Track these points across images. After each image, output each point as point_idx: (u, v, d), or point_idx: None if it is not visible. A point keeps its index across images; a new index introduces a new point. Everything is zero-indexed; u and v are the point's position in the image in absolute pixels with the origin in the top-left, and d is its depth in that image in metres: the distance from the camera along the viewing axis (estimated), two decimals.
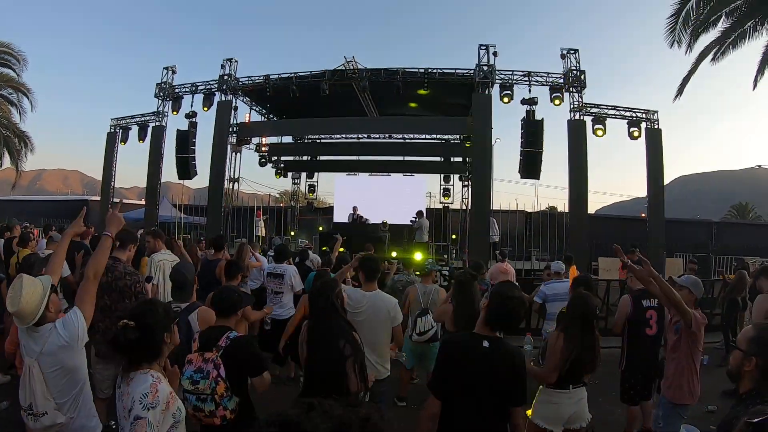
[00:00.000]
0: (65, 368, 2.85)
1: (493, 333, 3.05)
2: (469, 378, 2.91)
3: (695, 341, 4.35)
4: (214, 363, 3.14)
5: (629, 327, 5.47)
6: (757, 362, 2.27)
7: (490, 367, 2.91)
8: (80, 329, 2.88)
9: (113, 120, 20.94)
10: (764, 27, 13.02)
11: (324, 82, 17.04)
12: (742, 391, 2.34)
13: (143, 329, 2.43)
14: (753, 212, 51.64)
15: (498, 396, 2.92)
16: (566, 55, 16.03)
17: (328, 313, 3.61)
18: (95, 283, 3.12)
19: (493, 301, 3.11)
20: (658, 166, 15.96)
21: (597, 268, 16.21)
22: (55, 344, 2.81)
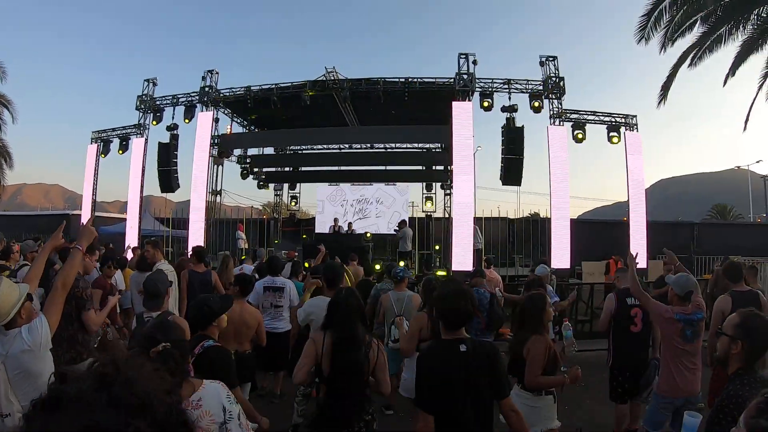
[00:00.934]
0: (28, 372, 2.91)
1: (462, 335, 3.09)
2: (457, 384, 2.92)
3: (664, 334, 4.59)
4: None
5: (615, 324, 5.59)
6: (743, 345, 2.54)
7: (474, 368, 2.95)
8: (44, 335, 2.94)
9: (94, 133, 20.73)
10: (739, 31, 13.22)
11: (305, 92, 17.05)
12: (731, 371, 2.59)
13: (180, 348, 2.41)
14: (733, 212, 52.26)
15: (486, 394, 2.97)
16: (545, 63, 16.20)
17: (351, 322, 3.59)
18: (63, 293, 3.18)
19: (436, 306, 3.21)
20: (639, 170, 16.12)
21: (581, 272, 16.29)
22: (19, 348, 2.87)
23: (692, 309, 4.49)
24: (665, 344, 4.59)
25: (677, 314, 4.43)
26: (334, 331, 3.55)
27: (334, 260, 7.68)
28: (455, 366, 2.95)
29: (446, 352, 3.04)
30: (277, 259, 7.24)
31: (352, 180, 23.66)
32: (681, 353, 4.47)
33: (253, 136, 22.63)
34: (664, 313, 4.48)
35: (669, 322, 4.45)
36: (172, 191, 19.18)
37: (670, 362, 4.48)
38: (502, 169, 16.11)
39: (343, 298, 3.73)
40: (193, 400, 2.33)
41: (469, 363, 2.95)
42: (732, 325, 2.63)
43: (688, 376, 4.48)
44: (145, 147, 19.27)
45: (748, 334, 2.54)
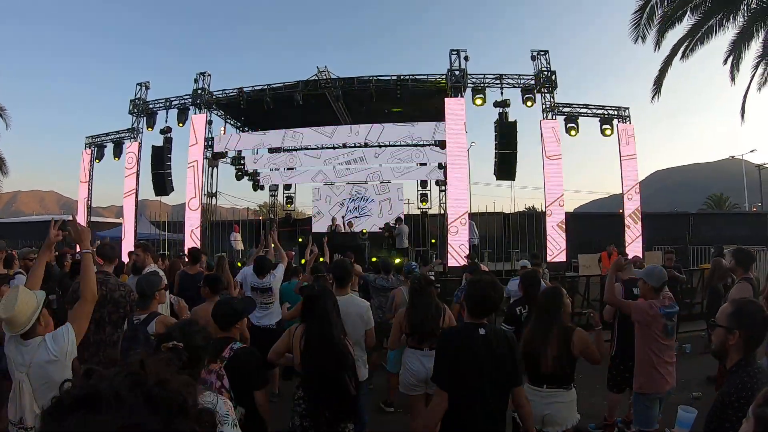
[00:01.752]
0: (53, 382, 2.84)
1: (482, 321, 3.16)
2: (473, 364, 3.00)
3: (646, 332, 4.49)
4: (218, 374, 3.15)
5: (620, 314, 5.57)
6: (740, 335, 2.41)
7: (491, 350, 3.03)
8: (69, 344, 2.94)
9: (88, 138, 20.71)
10: (730, 22, 13.23)
11: (297, 92, 17.10)
12: (730, 365, 2.45)
13: (191, 350, 2.41)
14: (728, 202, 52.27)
15: (501, 378, 3.04)
16: (537, 57, 16.25)
17: (326, 318, 3.62)
18: (92, 303, 3.24)
19: (469, 291, 3.26)
20: (632, 162, 16.17)
21: (577, 265, 16.32)
22: (43, 358, 2.85)
23: (668, 302, 4.49)
24: (645, 341, 4.48)
25: (661, 309, 4.40)
26: (308, 326, 3.63)
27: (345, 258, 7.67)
28: (472, 347, 3.04)
29: (466, 334, 3.13)
30: (264, 259, 7.22)
31: (346, 179, 23.63)
32: (663, 349, 4.46)
33: (247, 137, 22.62)
34: (648, 310, 4.41)
35: (654, 319, 4.40)
36: (166, 194, 19.20)
37: (653, 358, 4.44)
38: (496, 164, 16.18)
39: (318, 293, 3.77)
40: None
41: (487, 345, 3.03)
42: (726, 315, 2.50)
43: (670, 370, 4.49)
44: (139, 151, 19.25)
45: (744, 323, 2.43)
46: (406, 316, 4.93)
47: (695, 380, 6.54)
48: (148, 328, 3.94)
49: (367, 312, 4.67)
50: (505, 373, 3.05)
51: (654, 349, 4.44)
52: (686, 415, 3.09)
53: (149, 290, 4.17)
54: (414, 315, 4.83)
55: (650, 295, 4.52)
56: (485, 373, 2.99)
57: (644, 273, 4.67)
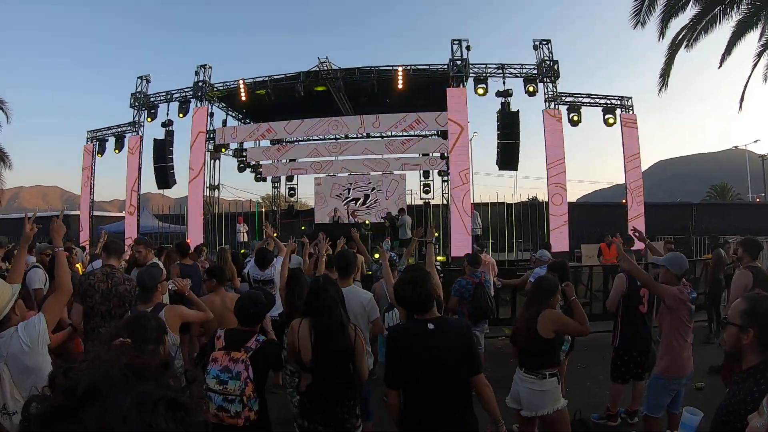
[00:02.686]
0: (29, 369, 2.94)
1: (431, 316, 3.11)
2: (423, 361, 2.95)
3: (675, 317, 4.48)
4: (245, 363, 3.17)
5: (624, 304, 5.56)
6: (755, 333, 2.27)
7: (440, 345, 2.98)
8: (41, 332, 3.00)
9: (89, 132, 20.74)
10: (733, 11, 13.16)
11: (298, 84, 17.07)
12: (747, 366, 2.30)
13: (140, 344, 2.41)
14: (732, 192, 52.20)
15: (453, 371, 2.98)
16: (539, 46, 16.16)
17: (333, 308, 3.58)
18: (66, 296, 3.31)
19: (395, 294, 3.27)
20: (635, 152, 16.12)
21: (580, 255, 16.32)
22: (17, 349, 2.92)
23: (690, 287, 4.51)
24: (674, 325, 4.49)
25: (689, 293, 4.47)
26: (316, 318, 3.55)
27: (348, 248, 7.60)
28: (420, 343, 2.99)
29: (414, 331, 3.08)
30: (265, 251, 7.20)
31: (349, 170, 23.61)
32: (688, 332, 4.50)
33: (248, 129, 22.61)
34: (679, 294, 4.42)
35: (684, 303, 4.43)
36: (168, 187, 19.22)
37: (681, 343, 4.47)
38: (499, 154, 16.12)
39: (322, 285, 3.72)
40: None
41: (435, 340, 2.98)
42: (739, 313, 2.36)
43: (691, 355, 4.53)
44: (140, 144, 19.27)
45: (759, 320, 2.28)
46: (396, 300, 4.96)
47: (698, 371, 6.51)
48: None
49: (370, 302, 4.65)
50: (457, 365, 2.99)
51: (682, 333, 4.48)
52: (691, 417, 3.05)
53: (151, 283, 4.16)
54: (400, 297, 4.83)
55: (674, 282, 4.52)
56: (437, 368, 2.95)
57: (667, 261, 4.65)
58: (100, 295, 4.56)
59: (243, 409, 3.12)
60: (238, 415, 3.12)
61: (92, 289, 4.59)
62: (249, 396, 3.14)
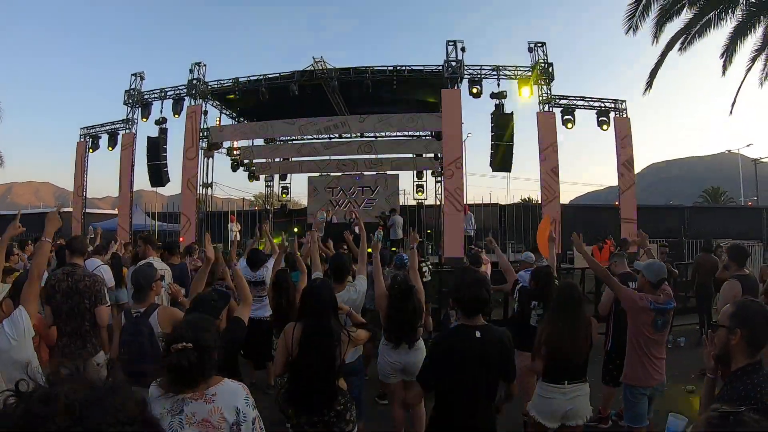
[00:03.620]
0: (18, 362, 3.00)
1: (478, 322, 3.16)
2: (467, 368, 3.04)
3: (633, 323, 4.49)
4: None
5: (616, 308, 5.56)
6: (742, 334, 2.33)
7: (485, 354, 3.05)
8: (25, 325, 3.09)
9: (82, 129, 20.64)
10: (728, 15, 13.20)
11: (293, 83, 17.04)
12: (735, 368, 2.36)
13: (200, 350, 2.38)
14: (724, 196, 52.41)
15: (495, 379, 3.11)
16: (534, 48, 16.22)
17: (324, 313, 3.54)
18: (38, 282, 3.34)
19: (457, 292, 3.25)
20: (629, 154, 16.18)
21: (572, 257, 16.33)
22: (5, 346, 3.00)
23: (664, 298, 4.45)
24: (633, 333, 4.48)
25: (650, 303, 4.35)
26: (305, 321, 3.51)
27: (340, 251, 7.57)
28: (467, 351, 3.07)
29: (461, 338, 3.14)
30: (257, 252, 7.17)
31: (342, 170, 23.63)
32: (650, 343, 4.42)
33: (242, 127, 22.55)
34: (638, 300, 4.38)
35: (642, 311, 4.37)
36: (162, 185, 19.19)
37: (639, 351, 4.43)
38: (492, 156, 16.16)
39: (316, 288, 3.69)
40: (208, 394, 2.34)
41: (482, 349, 3.06)
42: (727, 315, 2.45)
43: (657, 365, 4.45)
44: (134, 142, 19.22)
45: (746, 321, 2.35)
46: (385, 317, 4.91)
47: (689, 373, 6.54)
48: (150, 320, 3.91)
49: (360, 298, 4.75)
50: (499, 372, 3.12)
51: (640, 341, 4.42)
52: (676, 422, 3.06)
53: (146, 282, 4.13)
54: (392, 320, 4.83)
55: (647, 289, 4.47)
56: (479, 376, 3.04)
57: (643, 267, 4.63)
58: (62, 294, 4.56)
59: None
60: None
61: (53, 289, 4.59)
62: None
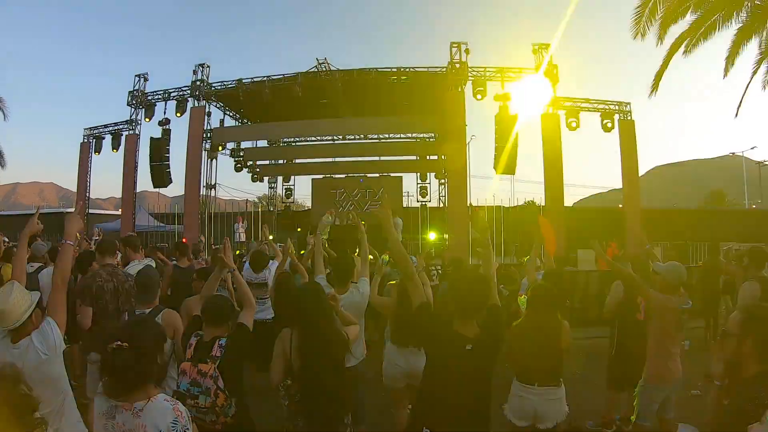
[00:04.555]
0: (50, 378, 2.84)
1: (473, 329, 3.00)
2: (454, 377, 2.91)
3: (659, 324, 4.49)
4: (213, 377, 3.09)
5: (620, 312, 5.52)
6: (754, 339, 2.33)
7: (474, 368, 2.93)
8: (56, 338, 2.90)
9: (86, 130, 20.68)
10: (733, 18, 13.14)
11: (297, 84, 17.02)
12: (747, 374, 2.35)
13: (137, 351, 2.32)
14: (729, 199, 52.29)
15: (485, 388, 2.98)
16: (538, 50, 16.15)
17: (323, 318, 3.46)
18: (63, 289, 3.13)
19: (453, 289, 3.15)
20: (633, 157, 16.14)
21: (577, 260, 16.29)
22: (35, 360, 2.80)
23: (683, 299, 4.47)
24: (660, 333, 4.49)
25: (679, 303, 4.41)
26: (302, 328, 3.43)
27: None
28: (455, 362, 2.95)
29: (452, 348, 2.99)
30: (260, 254, 7.13)
31: (346, 171, 23.61)
32: (673, 343, 4.47)
33: (246, 129, 22.56)
34: (667, 302, 4.41)
35: (672, 312, 4.41)
36: (165, 186, 19.19)
37: (664, 351, 4.46)
38: (496, 158, 16.11)
39: (307, 292, 3.63)
40: (136, 408, 2.26)
41: (470, 363, 2.94)
42: (737, 323, 2.46)
43: (677, 363, 4.49)
44: (137, 143, 19.27)
45: (755, 327, 2.37)
46: (391, 315, 4.87)
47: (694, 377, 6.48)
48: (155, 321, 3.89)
49: (364, 300, 4.68)
50: (486, 380, 2.99)
51: (666, 342, 4.46)
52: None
53: (151, 283, 4.12)
54: (399, 318, 4.76)
55: (669, 291, 4.50)
56: (467, 385, 2.91)
57: (665, 270, 4.63)
58: (110, 294, 4.59)
59: (218, 417, 3.08)
60: (214, 423, 3.08)
61: (102, 290, 4.59)
62: (222, 405, 3.07)
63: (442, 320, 3.12)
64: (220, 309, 3.50)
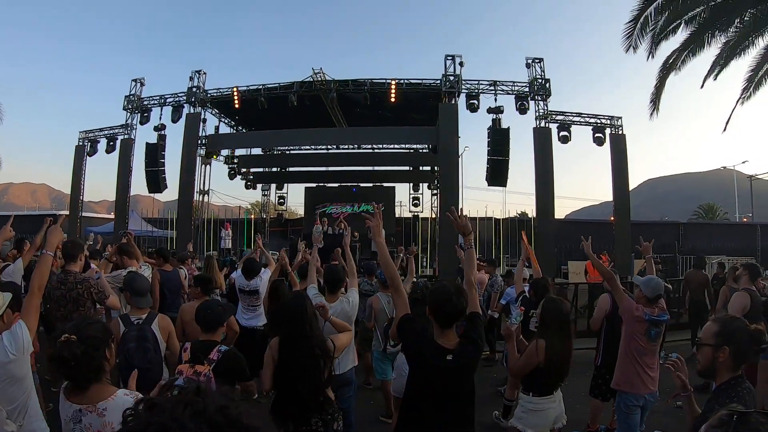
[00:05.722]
0: (14, 378, 2.89)
1: (453, 339, 3.00)
2: (437, 387, 2.93)
3: (628, 331, 4.64)
4: (207, 377, 3.20)
5: (607, 324, 5.63)
6: (730, 351, 2.44)
7: (456, 378, 2.95)
8: (25, 341, 2.91)
9: (81, 133, 20.73)
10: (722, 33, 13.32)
11: (292, 93, 17.12)
12: (719, 382, 2.48)
13: (86, 343, 2.41)
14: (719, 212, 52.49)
15: (463, 396, 3.00)
16: (531, 64, 16.38)
17: (305, 327, 3.48)
18: (39, 295, 3.16)
19: (432, 298, 3.09)
20: (624, 170, 16.33)
21: (567, 272, 16.42)
22: (3, 358, 2.84)
23: (658, 311, 4.58)
24: (626, 341, 4.65)
25: (645, 314, 4.51)
26: (281, 334, 3.52)
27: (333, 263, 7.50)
28: (437, 373, 2.96)
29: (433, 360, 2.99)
30: (253, 261, 7.19)
31: (339, 180, 23.71)
32: (642, 351, 4.57)
33: (240, 136, 22.64)
34: (634, 310, 4.55)
35: (636, 320, 4.54)
36: (159, 191, 19.24)
37: (630, 359, 4.59)
38: (488, 170, 16.30)
39: (292, 301, 3.68)
40: (99, 407, 2.35)
41: (452, 373, 2.94)
42: (712, 333, 2.55)
43: (650, 374, 4.60)
44: (132, 147, 19.31)
45: (732, 339, 2.46)
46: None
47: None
48: (152, 326, 3.97)
49: (353, 309, 4.72)
50: (469, 391, 3.02)
51: (633, 349, 4.58)
52: None
53: (143, 290, 4.20)
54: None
55: (644, 303, 4.62)
56: (450, 395, 2.95)
57: (642, 282, 4.76)
58: (55, 301, 4.63)
59: None
60: None
61: (47, 296, 4.60)
62: None
63: (422, 332, 3.10)
64: (217, 315, 3.65)
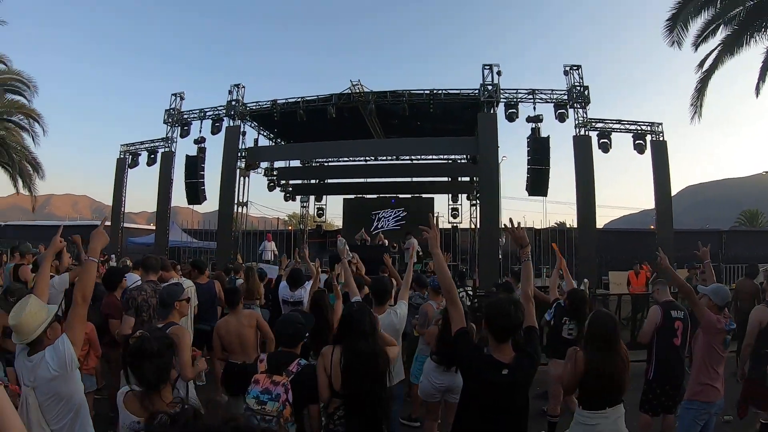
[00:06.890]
0: (60, 395, 2.85)
1: (509, 353, 3.02)
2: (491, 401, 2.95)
3: (707, 343, 4.59)
4: (285, 387, 3.20)
5: (658, 337, 5.51)
6: None
7: (511, 392, 2.95)
8: (68, 355, 2.84)
9: (123, 146, 21.22)
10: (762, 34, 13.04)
11: (331, 105, 17.23)
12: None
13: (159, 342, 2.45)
14: (762, 218, 51.23)
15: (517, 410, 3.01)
16: (569, 72, 16.19)
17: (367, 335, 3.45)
18: (85, 307, 3.06)
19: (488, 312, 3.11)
20: (665, 178, 16.04)
21: (608, 283, 16.16)
22: (46, 375, 2.80)
23: (727, 320, 4.57)
24: (706, 352, 4.60)
25: (726, 325, 4.53)
26: (347, 346, 3.42)
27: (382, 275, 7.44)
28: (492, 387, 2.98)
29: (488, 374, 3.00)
30: (298, 271, 7.23)
31: (378, 192, 23.85)
32: (719, 361, 4.58)
33: (280, 148, 22.90)
34: (716, 323, 4.53)
35: (719, 332, 4.53)
36: (198, 203, 19.61)
37: (710, 369, 4.55)
38: (528, 180, 16.15)
39: (356, 312, 3.60)
40: None
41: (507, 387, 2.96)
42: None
43: (721, 382, 4.59)
44: (172, 159, 19.75)
45: None
46: (437, 334, 4.90)
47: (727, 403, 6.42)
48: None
49: (401, 321, 4.69)
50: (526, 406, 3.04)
51: (712, 361, 4.56)
52: None
53: (169, 300, 4.26)
54: (443, 341, 4.71)
55: (714, 311, 4.63)
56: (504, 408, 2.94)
57: (711, 291, 4.76)
58: (153, 309, 4.88)
59: (279, 429, 3.12)
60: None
61: (146, 304, 4.92)
62: (287, 419, 3.15)
63: (477, 347, 3.16)
64: (298, 331, 3.68)
